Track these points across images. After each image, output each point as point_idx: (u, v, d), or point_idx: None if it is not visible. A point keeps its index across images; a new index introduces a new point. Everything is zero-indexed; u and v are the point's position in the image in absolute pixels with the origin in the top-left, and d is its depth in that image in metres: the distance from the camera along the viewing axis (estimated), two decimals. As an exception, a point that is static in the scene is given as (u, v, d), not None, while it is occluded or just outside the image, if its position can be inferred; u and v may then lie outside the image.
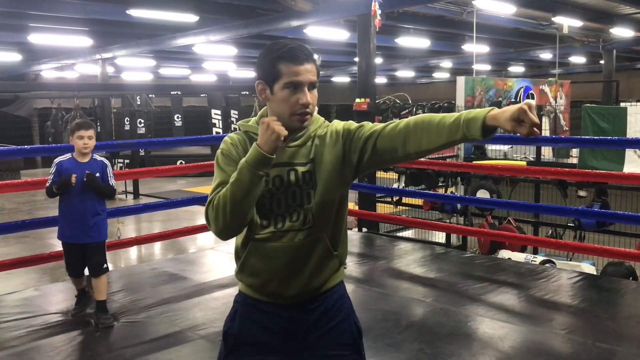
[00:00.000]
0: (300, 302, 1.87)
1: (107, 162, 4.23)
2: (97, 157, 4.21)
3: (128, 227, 9.86)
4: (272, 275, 1.84)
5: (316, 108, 1.86)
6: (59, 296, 4.72)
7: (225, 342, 1.93)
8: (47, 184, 4.07)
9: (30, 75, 20.65)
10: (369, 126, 1.84)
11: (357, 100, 8.49)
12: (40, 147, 4.28)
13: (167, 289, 4.97)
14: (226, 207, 1.70)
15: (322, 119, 1.93)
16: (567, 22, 13.10)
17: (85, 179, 4.00)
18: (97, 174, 4.10)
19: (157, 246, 8.75)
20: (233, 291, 5.24)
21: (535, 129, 1.54)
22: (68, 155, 4.14)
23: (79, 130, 4.04)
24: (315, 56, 1.83)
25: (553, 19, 12.97)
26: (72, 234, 4.09)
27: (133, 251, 8.67)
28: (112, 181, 4.19)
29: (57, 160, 4.14)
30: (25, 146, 5.50)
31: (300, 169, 1.82)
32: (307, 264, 1.84)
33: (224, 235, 1.77)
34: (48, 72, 20.39)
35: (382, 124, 1.81)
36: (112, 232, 7.98)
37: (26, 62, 18.14)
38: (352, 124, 1.89)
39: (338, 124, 1.90)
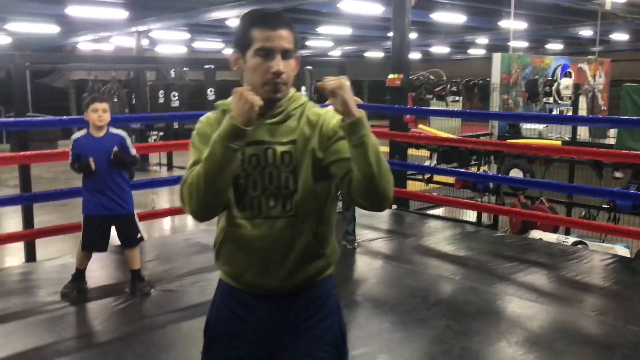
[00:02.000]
0: (280, 295, 1.73)
1: (124, 134, 4.17)
2: (114, 130, 4.15)
3: (162, 198, 10.05)
4: (248, 264, 1.71)
5: (304, 94, 1.74)
6: (95, 263, 4.85)
7: (205, 334, 1.82)
8: (70, 161, 4.06)
9: (67, 47, 20.97)
10: (345, 147, 1.62)
11: (390, 75, 8.41)
12: (77, 118, 4.38)
13: (200, 259, 5.07)
14: (200, 184, 1.59)
15: (304, 98, 1.78)
16: (610, -2, 12.68)
17: (112, 157, 4.00)
18: (115, 148, 4.04)
19: (190, 217, 8.90)
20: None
21: (329, 87, 1.54)
22: (84, 131, 4.12)
23: (93, 103, 4.00)
24: (294, 27, 1.69)
25: (595, -6, 12.57)
26: (98, 207, 4.08)
27: (166, 222, 8.84)
28: (132, 151, 4.16)
29: (73, 136, 4.12)
30: (63, 117, 5.61)
31: (279, 148, 1.68)
32: (287, 257, 1.69)
33: (198, 215, 1.66)
34: (84, 44, 20.66)
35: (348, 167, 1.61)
36: (146, 202, 8.17)
37: (63, 34, 18.40)
38: (339, 128, 1.65)
39: (334, 117, 1.69)
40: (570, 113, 10.24)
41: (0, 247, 6.73)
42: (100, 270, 4.77)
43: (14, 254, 6.84)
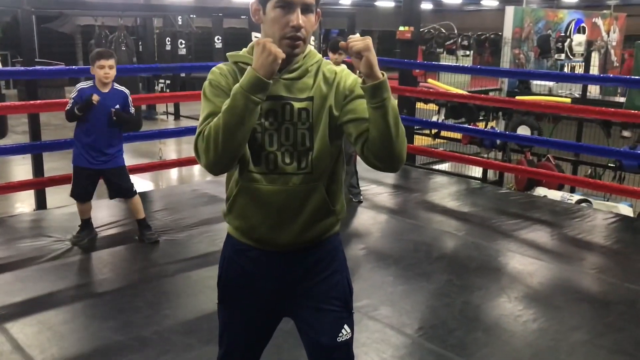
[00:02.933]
0: (290, 252, 1.75)
1: (127, 92, 4.23)
2: (118, 87, 4.20)
3: (169, 148, 10.10)
4: (261, 219, 1.71)
5: (313, 44, 1.74)
6: (104, 212, 4.95)
7: (218, 287, 1.85)
8: (68, 107, 4.09)
9: (73, -8, 20.62)
10: (362, 107, 1.63)
11: (401, 28, 8.29)
12: (87, 68, 4.39)
13: (208, 210, 5.15)
14: (218, 137, 1.56)
15: (319, 55, 1.76)
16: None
17: (114, 117, 4.06)
18: (117, 105, 4.11)
19: (197, 168, 8.97)
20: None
21: (355, 47, 1.52)
22: (90, 83, 4.15)
23: (99, 59, 4.02)
24: None
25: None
26: (89, 159, 4.14)
27: (174, 172, 8.91)
28: (132, 110, 4.22)
29: (79, 85, 4.15)
30: (73, 67, 5.60)
31: (297, 104, 1.66)
32: (301, 213, 1.70)
33: (214, 168, 1.62)
34: (91, -12, 20.34)
35: (365, 125, 1.62)
36: (154, 152, 8.22)
37: (69, -22, 18.09)
38: (357, 86, 1.65)
39: (350, 76, 1.71)
40: (582, 70, 10.11)
41: (10, 194, 6.83)
42: (109, 218, 4.86)
43: (25, 200, 6.95)
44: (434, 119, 8.08)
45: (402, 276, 3.93)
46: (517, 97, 8.29)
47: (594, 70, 9.82)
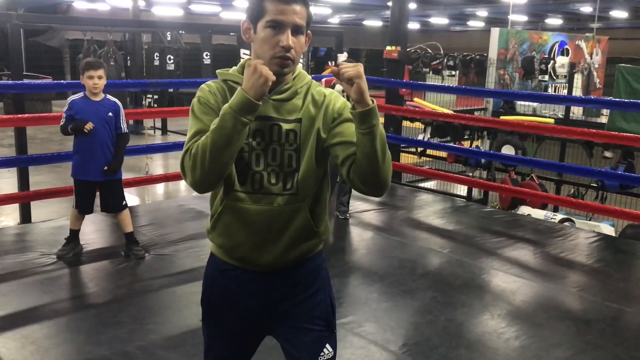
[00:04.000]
0: (273, 271, 1.75)
1: (119, 103, 4.25)
2: (110, 97, 4.23)
3: (156, 163, 10.09)
4: (245, 238, 1.71)
5: (301, 63, 1.74)
6: (90, 226, 4.93)
7: (202, 305, 1.85)
8: (62, 122, 4.12)
9: (62, 6, 20.66)
10: (350, 131, 1.66)
11: (388, 47, 8.40)
12: (75, 83, 4.42)
13: (194, 225, 5.16)
14: (205, 156, 1.56)
15: (309, 77, 1.77)
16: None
17: (106, 169, 4.11)
18: (110, 114, 4.13)
19: (183, 183, 8.96)
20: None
21: (347, 74, 1.52)
22: (81, 94, 4.18)
23: (88, 70, 4.05)
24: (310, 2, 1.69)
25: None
26: (87, 171, 4.16)
27: (160, 187, 8.90)
28: (123, 125, 4.23)
29: (70, 98, 4.18)
30: (62, 81, 5.61)
31: (285, 125, 1.67)
32: (284, 234, 1.70)
33: (200, 187, 1.63)
34: (80, 3, 20.36)
35: (352, 149, 1.64)
36: (140, 167, 8.21)
37: (59, -8, 18.13)
38: (346, 109, 1.69)
39: (338, 99, 1.73)
40: (565, 91, 10.29)
41: (-5, 206, 6.79)
42: (95, 233, 4.85)
43: (9, 214, 6.90)
44: (420, 137, 8.17)
45: (387, 293, 3.96)
46: (502, 117, 8.42)
47: (577, 91, 9.99)
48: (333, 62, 7.78)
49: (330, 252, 4.93)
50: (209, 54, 15.39)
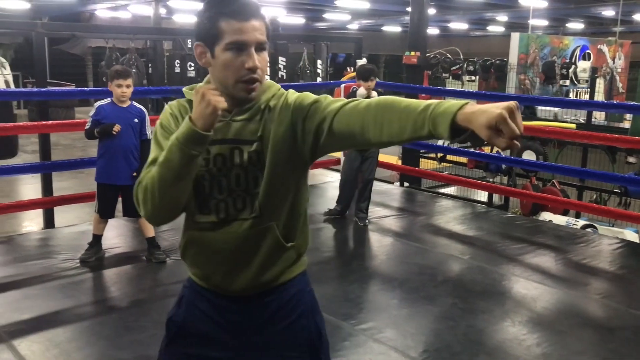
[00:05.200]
0: (250, 296, 1.61)
1: (145, 110, 4.35)
2: (136, 104, 4.33)
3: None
4: (213, 268, 1.61)
5: (267, 76, 1.55)
6: (112, 231, 4.99)
7: (168, 329, 1.69)
8: (87, 127, 4.22)
9: (85, 15, 20.98)
10: (324, 103, 1.51)
11: (407, 53, 8.40)
12: (99, 90, 4.51)
13: (213, 231, 5.17)
14: (154, 189, 1.45)
15: (277, 86, 1.62)
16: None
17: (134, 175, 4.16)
18: (135, 120, 4.24)
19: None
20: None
21: (515, 141, 1.21)
22: (108, 100, 4.28)
23: (117, 78, 4.15)
24: (264, 13, 1.53)
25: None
26: (111, 176, 4.23)
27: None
28: (148, 131, 4.30)
29: (97, 104, 4.29)
30: (85, 88, 5.70)
31: (247, 148, 1.52)
32: (254, 257, 1.57)
33: (154, 221, 1.54)
34: (102, 11, 20.66)
35: (341, 102, 1.49)
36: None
37: (81, 1, 18.42)
38: (306, 98, 1.55)
39: (291, 96, 1.57)
40: (587, 95, 10.19)
41: (19, 213, 6.90)
42: (117, 238, 4.91)
43: (33, 219, 7.01)
44: (440, 143, 8.13)
45: (407, 299, 3.95)
46: (523, 123, 8.34)
47: (599, 96, 9.88)
48: (352, 68, 7.79)
49: (349, 258, 4.93)
50: (228, 60, 15.39)
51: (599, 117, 9.82)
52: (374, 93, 5.32)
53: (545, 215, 6.95)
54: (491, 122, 1.20)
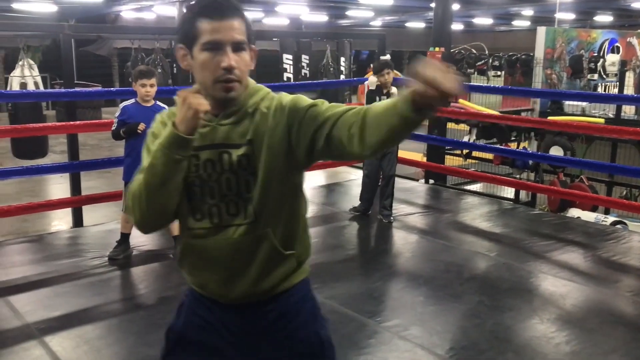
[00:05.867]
0: (249, 305, 1.58)
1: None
2: (160, 103, 4.37)
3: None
4: (209, 276, 1.58)
5: (250, 79, 1.54)
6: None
7: (167, 340, 1.68)
8: (113, 127, 4.28)
9: (110, 16, 21.26)
10: (322, 108, 1.48)
11: (431, 49, 8.34)
12: (125, 90, 4.58)
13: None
14: (142, 196, 1.45)
15: (267, 90, 1.57)
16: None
17: None
18: None
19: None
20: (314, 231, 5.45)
21: (436, 85, 1.21)
22: (132, 100, 4.34)
23: (141, 78, 4.21)
24: (246, 13, 1.50)
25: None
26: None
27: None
28: None
29: (122, 104, 4.36)
30: (112, 88, 5.78)
31: (235, 152, 1.50)
32: (251, 264, 1.54)
33: (143, 228, 1.54)
34: (127, 12, 20.92)
35: (342, 109, 1.45)
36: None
37: (107, 3, 18.66)
38: (302, 101, 1.52)
39: (285, 98, 1.54)
40: (616, 89, 10.00)
41: (48, 212, 7.02)
42: (144, 236, 4.94)
43: (62, 218, 7.13)
44: (465, 139, 8.08)
45: (433, 296, 3.92)
46: (550, 118, 8.24)
47: (629, 90, 9.69)
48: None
49: (374, 255, 4.92)
50: (252, 59, 15.48)
51: (628, 111, 9.62)
52: (394, 89, 5.28)
53: (574, 212, 6.85)
54: (419, 77, 1.23)
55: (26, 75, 5.81)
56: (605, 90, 10.36)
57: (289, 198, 1.57)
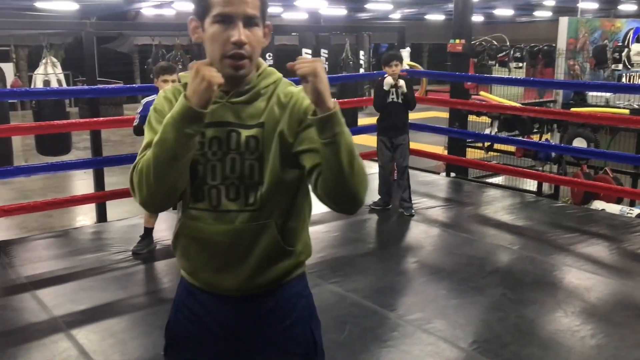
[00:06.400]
0: (243, 298, 1.53)
1: None
2: None
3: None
4: (205, 262, 1.52)
5: (261, 60, 1.51)
6: (163, 224, 5.09)
7: (166, 333, 1.65)
8: (135, 123, 4.33)
9: (130, 13, 21.42)
10: (315, 137, 1.42)
11: (452, 41, 8.27)
12: (146, 87, 4.63)
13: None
14: (150, 172, 1.38)
15: (279, 75, 1.55)
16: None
17: None
18: None
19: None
20: (329, 227, 5.40)
21: (300, 71, 1.31)
22: (154, 96, 4.35)
23: (163, 74, 4.25)
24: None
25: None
26: None
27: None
28: None
29: (144, 100, 4.42)
30: (134, 85, 5.83)
31: (245, 132, 1.45)
32: (249, 255, 1.49)
33: (149, 206, 1.47)
34: (147, 9, 21.06)
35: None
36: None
37: (128, 0, 18.81)
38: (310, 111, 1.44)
39: (304, 98, 1.48)
40: (640, 80, 9.82)
41: (73, 207, 7.12)
42: (168, 230, 5.00)
43: (86, 214, 7.23)
44: (487, 131, 8.00)
45: (455, 290, 3.90)
46: (573, 109, 8.13)
47: (654, 80, 9.51)
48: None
49: (396, 249, 4.91)
50: (271, 54, 15.63)
51: (653, 101, 9.46)
52: (401, 81, 5.25)
53: (598, 204, 6.76)
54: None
55: (49, 73, 5.90)
56: (630, 81, 10.17)
57: (293, 191, 1.53)
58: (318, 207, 1.61)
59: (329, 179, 1.38)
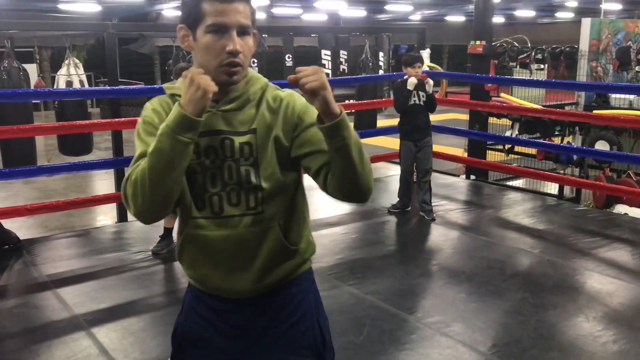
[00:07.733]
0: (251, 299, 1.56)
1: None
2: None
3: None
4: (212, 269, 1.55)
5: (255, 67, 1.54)
6: (182, 225, 5.14)
7: (172, 342, 1.67)
8: None
9: (152, 14, 21.62)
10: (314, 138, 1.49)
11: (472, 42, 8.21)
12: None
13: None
14: (145, 182, 1.38)
15: (265, 80, 1.58)
16: None
17: None
18: None
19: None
20: (347, 229, 5.39)
21: (308, 86, 1.33)
22: None
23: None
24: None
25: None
26: None
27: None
28: None
29: None
30: (155, 85, 5.88)
31: (237, 139, 1.48)
32: (256, 258, 1.52)
33: (144, 217, 1.45)
34: (168, 11, 21.24)
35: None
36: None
37: (149, 2, 18.99)
38: (312, 112, 1.49)
39: (298, 99, 1.53)
40: (665, 82, 9.67)
41: (94, 207, 7.20)
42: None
43: (107, 214, 7.31)
44: (508, 134, 7.92)
45: (475, 293, 3.88)
46: (595, 111, 8.02)
47: (679, 82, 9.35)
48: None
49: (415, 251, 4.88)
50: (290, 56, 15.65)
51: (678, 104, 9.29)
52: (429, 79, 5.27)
53: (620, 208, 6.66)
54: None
55: (72, 74, 5.96)
56: (654, 83, 10.03)
57: (292, 192, 1.57)
58: (337, 209, 1.61)
59: (342, 177, 1.44)
